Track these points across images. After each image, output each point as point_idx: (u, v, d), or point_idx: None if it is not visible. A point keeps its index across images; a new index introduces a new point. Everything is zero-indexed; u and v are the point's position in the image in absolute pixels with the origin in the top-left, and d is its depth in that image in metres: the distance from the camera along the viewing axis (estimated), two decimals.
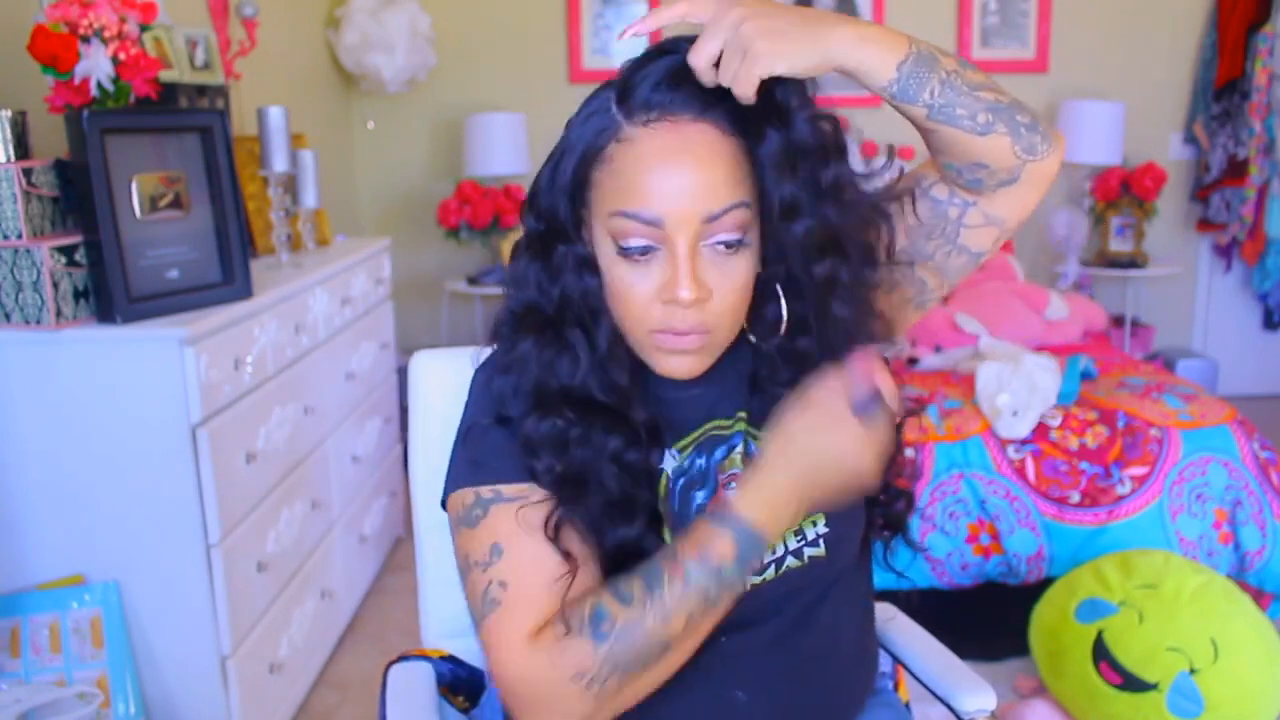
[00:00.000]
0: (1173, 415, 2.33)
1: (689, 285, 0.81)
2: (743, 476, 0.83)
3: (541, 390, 0.88)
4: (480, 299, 3.90)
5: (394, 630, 2.49)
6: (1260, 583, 2.24)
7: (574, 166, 0.85)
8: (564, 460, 0.86)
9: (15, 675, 1.64)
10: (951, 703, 1.09)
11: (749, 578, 0.85)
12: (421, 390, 1.17)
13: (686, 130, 0.82)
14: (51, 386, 1.65)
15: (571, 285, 0.87)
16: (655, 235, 0.82)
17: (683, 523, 0.90)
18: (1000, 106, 0.88)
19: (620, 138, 0.83)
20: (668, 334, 0.84)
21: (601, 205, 0.84)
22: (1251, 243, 3.82)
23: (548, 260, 0.88)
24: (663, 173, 0.81)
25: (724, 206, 0.81)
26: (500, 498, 0.87)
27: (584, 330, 0.88)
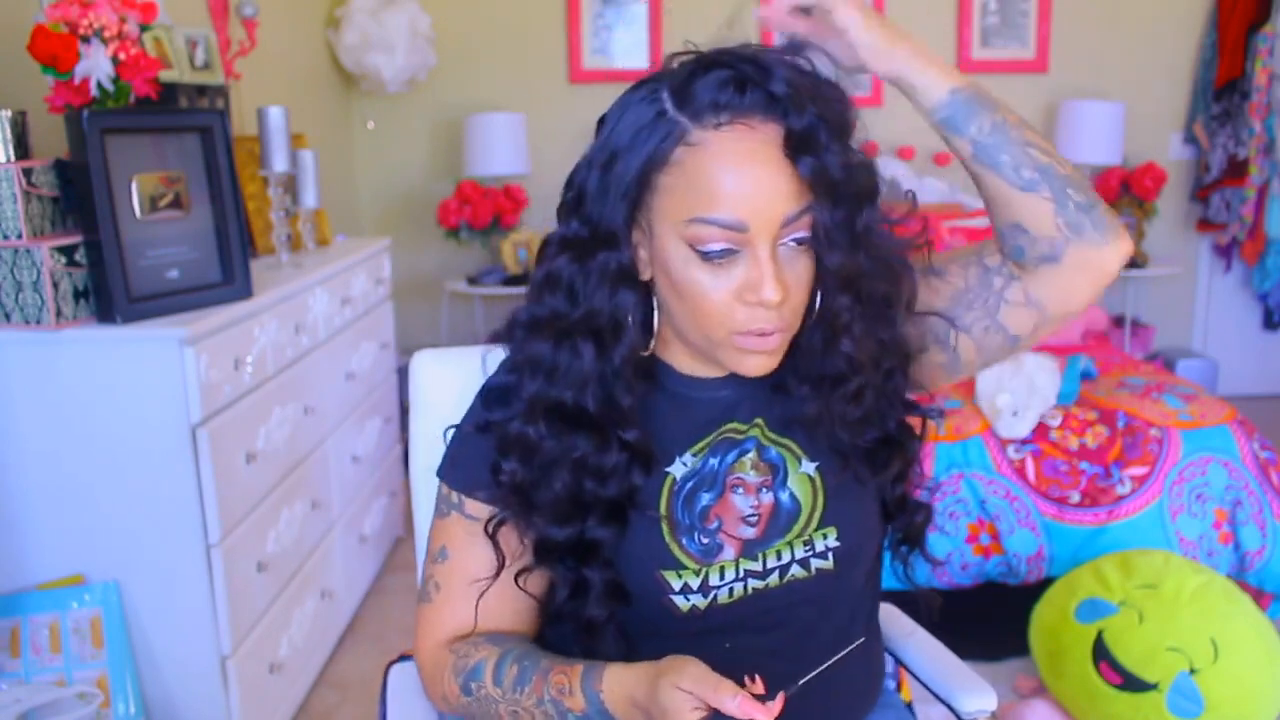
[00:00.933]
0: (1173, 415, 2.33)
1: (775, 287, 0.81)
2: (627, 665, 0.83)
3: (537, 399, 0.89)
4: (480, 299, 3.90)
5: (394, 630, 2.49)
6: (1260, 583, 2.24)
7: (637, 171, 0.83)
8: (527, 469, 0.89)
9: (15, 675, 1.64)
10: (952, 703, 1.09)
11: None
12: (422, 390, 1.17)
13: (760, 131, 0.81)
14: (51, 386, 1.65)
15: (603, 297, 0.86)
16: (737, 239, 0.81)
17: (685, 525, 0.91)
18: (1051, 170, 0.87)
19: (689, 141, 0.81)
20: (751, 335, 0.84)
21: (671, 212, 0.83)
22: (1251, 243, 3.82)
23: (584, 266, 0.87)
24: (741, 175, 0.80)
25: (800, 207, 0.82)
26: (461, 508, 0.94)
27: (599, 344, 0.87)
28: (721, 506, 0.92)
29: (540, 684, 0.85)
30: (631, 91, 0.86)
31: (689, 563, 0.90)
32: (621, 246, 0.85)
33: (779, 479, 0.93)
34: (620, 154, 0.84)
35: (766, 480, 0.93)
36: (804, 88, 0.81)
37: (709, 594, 0.90)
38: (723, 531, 0.91)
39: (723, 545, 0.91)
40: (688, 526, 0.91)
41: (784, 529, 0.92)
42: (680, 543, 0.90)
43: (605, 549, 0.89)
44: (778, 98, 0.80)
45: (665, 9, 3.86)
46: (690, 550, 0.90)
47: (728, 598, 0.91)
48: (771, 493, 0.93)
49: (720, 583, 0.90)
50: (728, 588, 0.90)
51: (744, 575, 0.91)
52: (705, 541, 0.91)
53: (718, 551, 0.91)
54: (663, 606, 0.90)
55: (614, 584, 0.89)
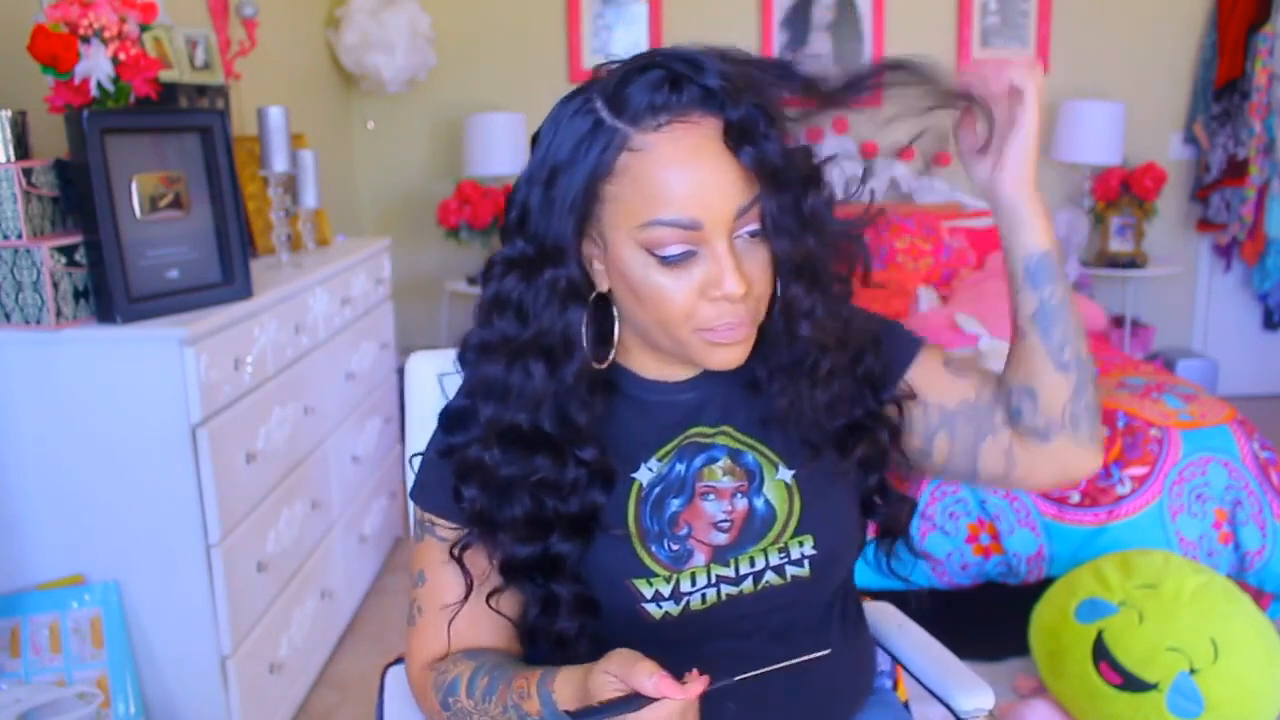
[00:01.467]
0: (1173, 415, 2.33)
1: (736, 280, 0.81)
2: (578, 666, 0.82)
3: (492, 422, 0.88)
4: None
5: (394, 630, 2.49)
6: (1260, 583, 2.24)
7: (581, 185, 0.82)
8: (486, 494, 0.89)
9: (15, 675, 1.64)
10: (950, 702, 1.09)
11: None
12: (418, 391, 1.17)
13: (701, 127, 0.80)
14: (51, 386, 1.65)
15: (552, 316, 0.85)
16: (693, 238, 0.81)
17: (654, 532, 0.90)
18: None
19: (631, 147, 0.80)
20: (718, 331, 0.84)
21: (623, 219, 0.82)
22: (1251, 243, 3.82)
23: (532, 284, 0.86)
24: (689, 174, 0.79)
25: (751, 197, 0.81)
26: (432, 531, 0.95)
27: (551, 363, 0.86)
28: (691, 512, 0.91)
29: (505, 692, 0.86)
30: (563, 104, 0.85)
31: (659, 569, 0.89)
32: (568, 262, 0.84)
33: (754, 485, 0.92)
34: (562, 168, 0.83)
35: (742, 485, 0.92)
36: (738, 78, 0.80)
37: (680, 600, 0.89)
38: (693, 538, 0.90)
39: (693, 551, 0.90)
40: (656, 533, 0.90)
41: (758, 535, 0.91)
42: (649, 550, 0.90)
43: (570, 563, 0.89)
44: (713, 92, 0.79)
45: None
46: (660, 557, 0.89)
47: (700, 604, 0.90)
48: (746, 499, 0.92)
49: (692, 589, 0.89)
50: (700, 594, 0.90)
51: (716, 581, 0.90)
52: (675, 548, 0.90)
53: (688, 558, 0.90)
54: (635, 614, 0.89)
55: (583, 597, 0.89)
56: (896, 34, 3.93)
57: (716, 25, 3.90)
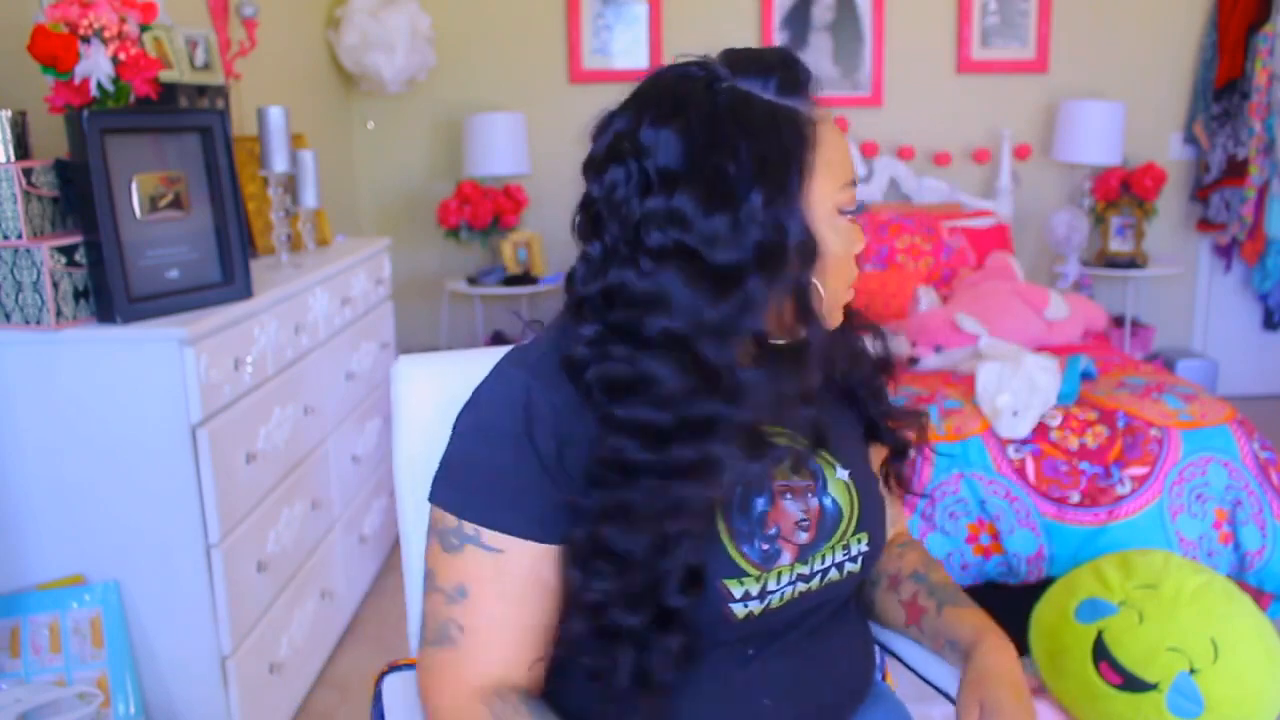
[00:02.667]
0: (1173, 415, 2.33)
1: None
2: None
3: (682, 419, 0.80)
4: (480, 299, 3.90)
5: (394, 630, 2.49)
6: (1260, 583, 2.24)
7: (798, 172, 0.82)
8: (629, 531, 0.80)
9: (15, 675, 1.64)
10: (949, 691, 1.08)
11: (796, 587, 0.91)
12: (407, 395, 1.14)
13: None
14: (51, 386, 1.65)
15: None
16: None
17: (744, 531, 0.88)
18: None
19: (814, 118, 0.85)
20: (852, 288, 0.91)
21: (826, 185, 0.85)
22: (1251, 243, 3.82)
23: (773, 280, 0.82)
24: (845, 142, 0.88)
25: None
26: (479, 541, 0.83)
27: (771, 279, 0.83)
28: (776, 512, 0.91)
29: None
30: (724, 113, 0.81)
31: (750, 569, 0.88)
32: (806, 266, 0.84)
33: (820, 485, 0.94)
34: (769, 165, 0.80)
35: (810, 485, 0.93)
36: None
37: (765, 599, 0.89)
38: (781, 537, 0.90)
39: (781, 551, 0.90)
40: (747, 534, 0.88)
41: (830, 533, 0.93)
42: (742, 550, 0.88)
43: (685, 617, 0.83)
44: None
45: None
46: (751, 558, 0.88)
47: (779, 601, 0.90)
48: (817, 498, 0.93)
49: (776, 588, 0.90)
50: (780, 592, 0.90)
51: (796, 579, 0.91)
52: (765, 548, 0.89)
53: (776, 557, 0.90)
54: (719, 614, 0.87)
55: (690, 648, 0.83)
56: (896, 34, 3.93)
57: (717, 25, 3.90)
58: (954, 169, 4.00)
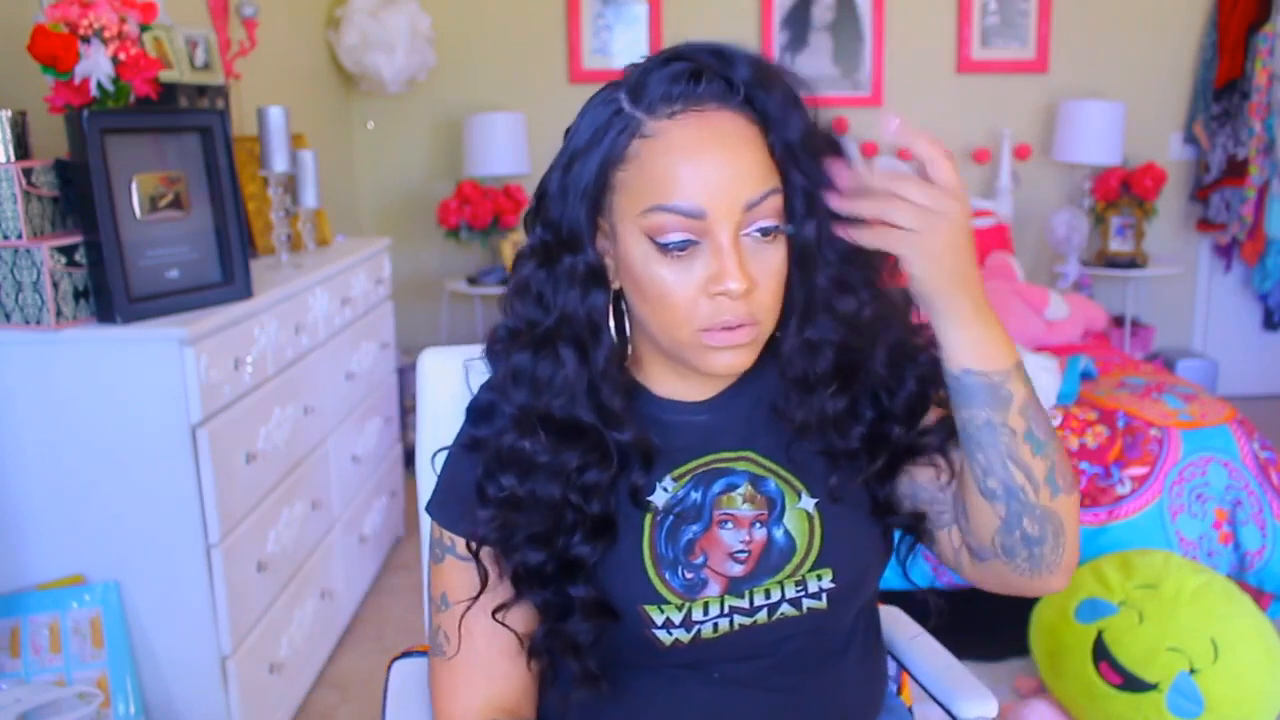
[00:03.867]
0: (1173, 415, 2.33)
1: (738, 276, 0.78)
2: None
3: (525, 412, 0.86)
4: (480, 299, 3.90)
5: (394, 630, 2.49)
6: (1260, 583, 2.24)
7: (595, 170, 0.82)
8: (524, 485, 0.85)
9: (15, 675, 1.64)
10: (951, 709, 1.08)
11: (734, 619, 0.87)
12: (429, 388, 1.16)
13: (715, 118, 0.79)
14: (51, 386, 1.65)
15: (574, 301, 0.84)
16: (696, 228, 0.79)
17: (668, 558, 0.87)
18: (1019, 495, 0.82)
19: (644, 134, 0.80)
20: (717, 331, 0.81)
21: (630, 206, 0.81)
22: (1251, 243, 3.82)
23: (552, 270, 0.85)
24: (699, 162, 0.78)
25: (762, 192, 0.79)
26: (454, 551, 0.90)
27: (580, 349, 0.85)
28: (708, 540, 0.88)
29: None
30: (593, 96, 0.85)
31: (671, 597, 0.86)
32: (584, 248, 0.84)
33: (775, 514, 0.89)
34: (578, 154, 0.82)
35: (761, 514, 0.89)
36: (768, 70, 0.80)
37: (692, 629, 0.87)
38: (708, 567, 0.87)
39: (707, 581, 0.87)
40: (671, 560, 0.87)
41: (775, 568, 0.88)
42: (663, 576, 0.87)
43: (587, 565, 0.86)
44: (736, 84, 0.80)
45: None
46: (673, 585, 0.87)
47: (712, 632, 0.87)
48: (765, 528, 0.89)
49: (704, 618, 0.87)
50: (712, 623, 0.87)
51: (729, 611, 0.87)
52: (689, 576, 0.87)
53: (702, 587, 0.87)
54: (645, 640, 0.87)
55: (599, 601, 0.86)
56: (896, 34, 3.93)
57: (717, 25, 3.90)
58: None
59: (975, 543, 0.87)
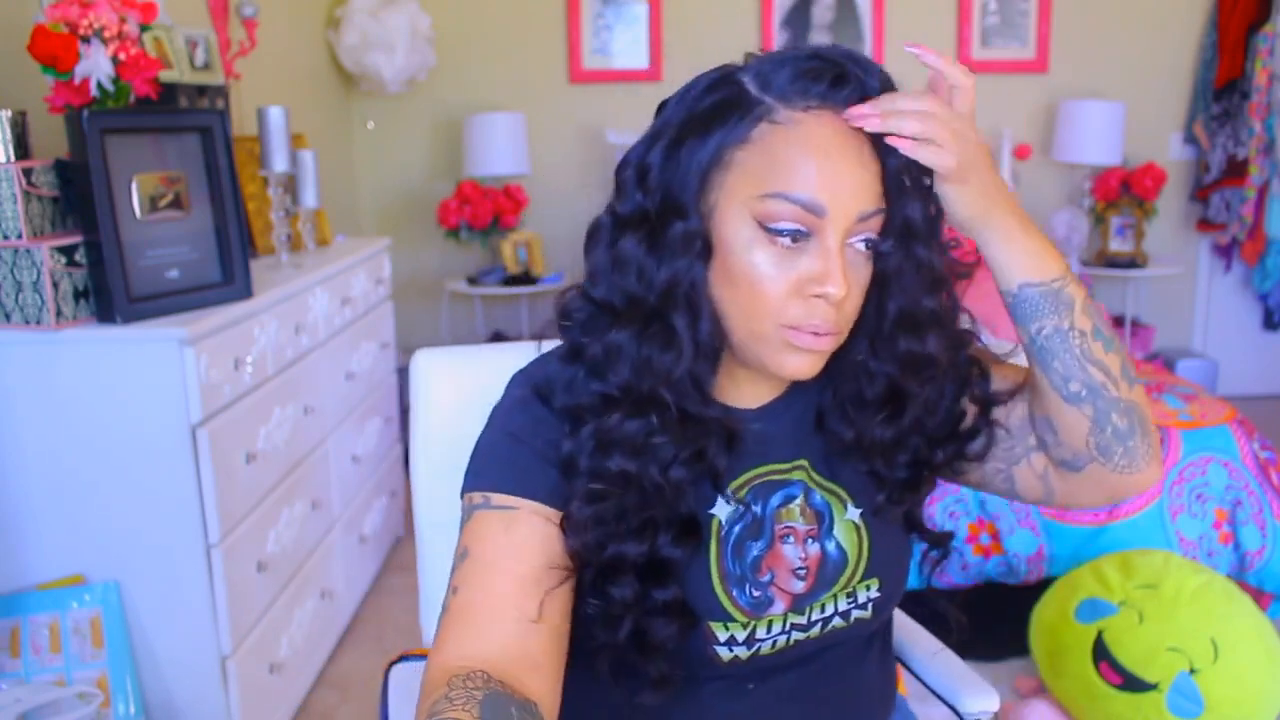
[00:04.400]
0: (1173, 415, 2.33)
1: (840, 281, 0.76)
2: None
3: (627, 392, 0.81)
4: (480, 299, 3.90)
5: (394, 630, 2.49)
6: (1260, 583, 2.24)
7: (715, 146, 0.79)
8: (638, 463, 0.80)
9: (15, 675, 1.64)
10: (955, 704, 1.09)
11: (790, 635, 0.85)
12: (423, 389, 1.17)
13: (847, 124, 0.78)
14: (51, 386, 1.65)
15: (683, 270, 0.79)
16: (810, 222, 0.77)
17: (735, 575, 0.86)
18: (1101, 392, 0.84)
19: (774, 119, 0.77)
20: (804, 332, 0.78)
21: (743, 187, 0.78)
22: (1251, 243, 3.82)
23: (656, 241, 0.80)
24: (829, 159, 0.76)
25: (875, 207, 0.78)
26: (487, 504, 0.83)
27: (690, 320, 0.81)
28: (773, 557, 0.87)
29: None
30: (701, 76, 0.82)
31: (738, 615, 0.86)
32: (692, 216, 0.80)
33: (824, 527, 0.89)
34: (693, 128, 0.79)
35: (813, 530, 0.88)
36: (892, 89, 0.80)
37: (753, 646, 0.86)
38: (774, 585, 0.87)
39: (774, 599, 0.87)
40: (739, 577, 0.86)
41: (830, 581, 0.88)
42: (731, 594, 0.85)
43: (676, 568, 0.82)
44: (869, 95, 0.78)
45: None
46: (740, 603, 0.86)
47: (770, 649, 0.87)
48: (818, 543, 0.88)
49: (766, 636, 0.87)
50: (772, 640, 0.87)
51: (789, 629, 0.87)
52: (756, 595, 0.86)
53: (768, 605, 0.86)
54: (705, 657, 0.86)
55: (683, 604, 0.83)
56: (896, 34, 3.93)
57: (717, 25, 3.90)
58: None
59: (1068, 454, 0.87)
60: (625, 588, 0.81)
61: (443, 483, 1.12)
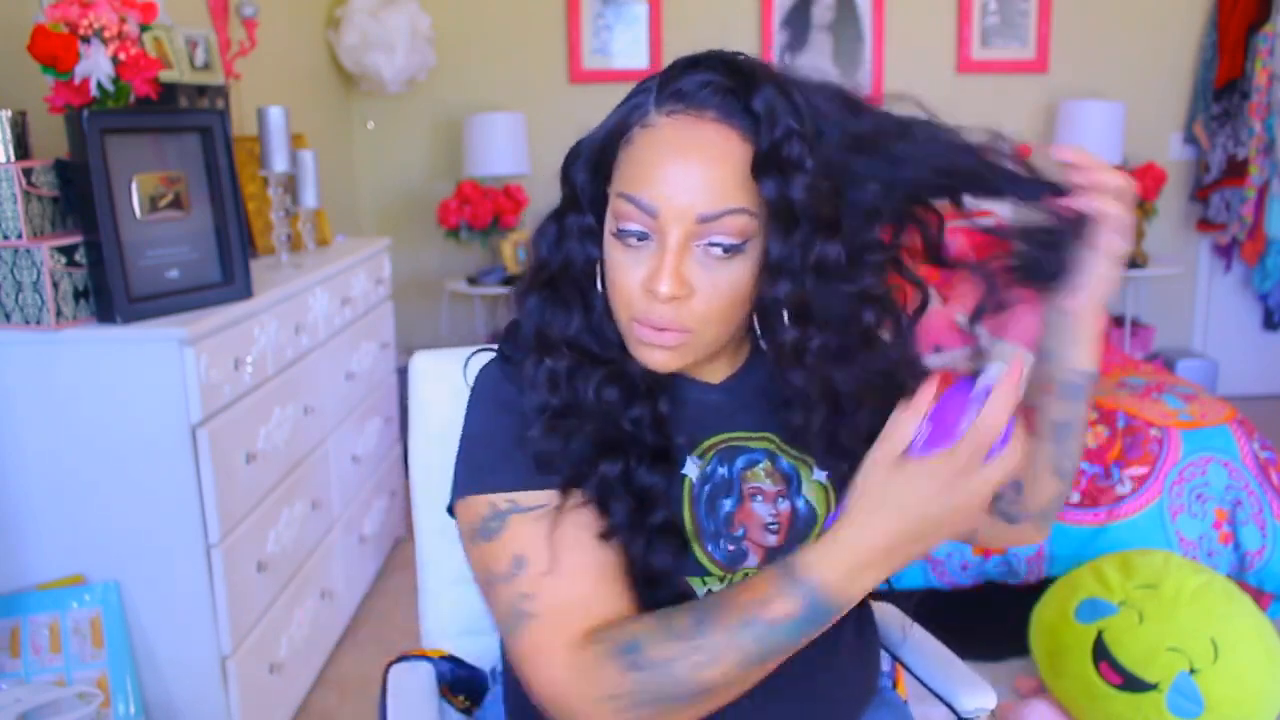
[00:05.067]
0: (1173, 415, 2.33)
1: (669, 280, 0.80)
2: (827, 533, 0.76)
3: (541, 335, 0.89)
4: (480, 299, 3.90)
5: (394, 630, 2.49)
6: (1260, 583, 2.24)
7: (601, 141, 0.86)
8: (559, 395, 0.87)
9: (15, 675, 1.64)
10: (952, 702, 1.09)
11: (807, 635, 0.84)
12: (421, 391, 1.17)
13: (704, 127, 0.80)
14: (51, 386, 1.65)
15: (575, 251, 0.88)
16: (649, 224, 0.81)
17: (710, 530, 0.89)
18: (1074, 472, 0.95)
19: (645, 123, 0.83)
20: (645, 326, 0.83)
21: (614, 185, 0.85)
22: (1251, 243, 3.82)
23: (561, 224, 0.90)
24: (669, 163, 0.80)
25: (720, 209, 0.79)
26: (517, 508, 0.84)
27: (581, 292, 0.89)
28: (743, 513, 0.90)
29: (727, 612, 0.75)
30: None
31: (714, 569, 0.89)
32: (585, 212, 0.88)
33: (793, 487, 0.93)
34: (603, 125, 0.87)
35: (781, 489, 0.92)
36: (783, 107, 0.79)
37: None
38: (748, 538, 0.90)
39: (748, 552, 0.90)
40: (713, 532, 0.89)
41: (802, 536, 0.91)
42: (706, 549, 0.89)
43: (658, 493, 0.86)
44: (750, 111, 0.80)
45: None
46: (716, 557, 0.89)
47: None
48: (788, 500, 0.92)
49: None
50: None
51: None
52: (731, 549, 0.89)
53: (742, 558, 0.89)
54: None
55: (675, 526, 0.87)
56: (896, 34, 3.93)
57: (717, 25, 3.90)
58: None
59: (1018, 511, 0.97)
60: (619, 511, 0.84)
61: (443, 483, 1.12)
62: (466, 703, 1.17)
